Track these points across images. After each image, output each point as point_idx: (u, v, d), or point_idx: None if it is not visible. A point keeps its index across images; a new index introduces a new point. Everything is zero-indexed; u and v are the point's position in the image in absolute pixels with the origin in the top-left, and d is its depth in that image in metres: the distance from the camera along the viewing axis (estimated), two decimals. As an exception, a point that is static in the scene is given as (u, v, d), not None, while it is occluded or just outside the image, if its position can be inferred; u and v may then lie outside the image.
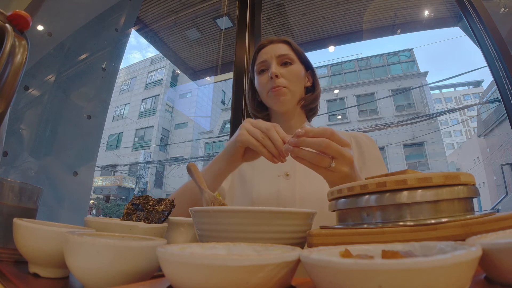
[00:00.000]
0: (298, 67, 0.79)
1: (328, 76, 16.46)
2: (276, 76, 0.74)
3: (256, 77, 0.82)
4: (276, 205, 0.68)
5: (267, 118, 0.87)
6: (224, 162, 0.60)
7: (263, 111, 0.87)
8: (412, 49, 15.82)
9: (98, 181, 16.23)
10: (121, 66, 1.82)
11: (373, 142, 0.79)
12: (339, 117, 15.12)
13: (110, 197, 16.13)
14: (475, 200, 0.32)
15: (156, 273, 0.33)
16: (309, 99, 0.83)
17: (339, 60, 17.18)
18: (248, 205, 0.72)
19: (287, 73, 0.76)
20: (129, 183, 16.16)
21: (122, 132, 18.40)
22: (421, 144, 13.13)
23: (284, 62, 0.78)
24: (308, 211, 0.36)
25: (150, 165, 16.60)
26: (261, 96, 0.82)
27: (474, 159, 14.43)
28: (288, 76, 0.76)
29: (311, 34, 2.65)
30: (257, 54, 0.83)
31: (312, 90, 0.85)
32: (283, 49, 0.79)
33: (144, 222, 0.45)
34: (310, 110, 0.86)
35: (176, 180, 15.89)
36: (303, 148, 0.48)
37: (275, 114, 0.83)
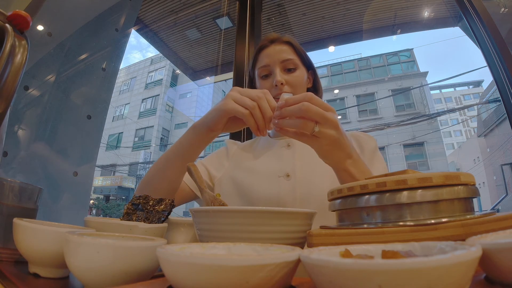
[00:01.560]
0: (301, 72, 0.78)
1: (328, 76, 16.46)
2: (281, 84, 0.74)
3: (258, 80, 0.80)
4: (276, 206, 0.68)
5: None
6: (203, 130, 0.57)
7: None
8: (412, 49, 15.84)
9: (98, 181, 16.23)
10: (121, 66, 1.83)
11: (372, 138, 0.79)
12: (339, 117, 15.01)
13: (110, 197, 16.13)
14: (475, 200, 0.32)
15: (156, 273, 0.33)
16: None
17: (339, 60, 17.19)
18: (248, 206, 0.71)
19: (291, 80, 0.75)
20: (129, 183, 16.16)
21: (122, 132, 18.40)
22: (421, 144, 13.14)
23: (288, 69, 0.76)
24: (308, 211, 0.36)
25: (150, 165, 16.59)
26: None
27: (474, 159, 14.43)
28: (293, 83, 0.75)
29: (311, 34, 2.65)
30: (258, 55, 0.81)
31: (313, 91, 0.84)
32: (286, 52, 0.77)
33: (144, 222, 0.45)
34: None
35: (176, 180, 15.85)
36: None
37: None
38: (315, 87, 0.85)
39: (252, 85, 0.86)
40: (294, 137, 0.48)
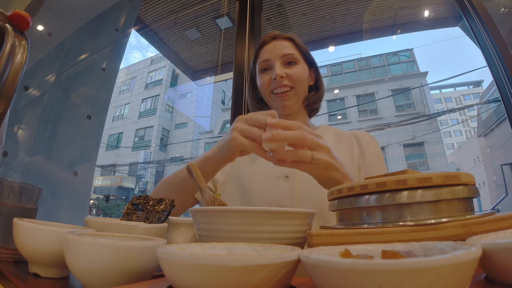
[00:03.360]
0: (302, 67, 0.77)
1: (328, 76, 16.45)
2: (281, 77, 0.73)
3: (258, 75, 0.80)
4: (275, 206, 0.68)
5: None
6: (217, 162, 0.58)
7: (263, 108, 0.84)
8: (412, 49, 15.83)
9: (98, 181, 16.22)
10: (121, 66, 1.83)
11: (374, 139, 0.79)
12: (339, 117, 15.12)
13: (110, 197, 16.13)
14: (475, 200, 0.32)
15: (156, 273, 0.33)
16: (313, 99, 0.81)
17: (339, 60, 17.19)
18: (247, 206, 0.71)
19: (291, 74, 0.74)
20: (129, 183, 16.16)
21: (122, 132, 18.40)
22: (421, 144, 13.13)
23: (288, 62, 0.75)
24: (308, 211, 0.36)
25: (150, 165, 16.59)
26: (263, 96, 0.81)
27: (474, 159, 14.42)
28: (293, 77, 0.74)
29: (311, 34, 2.65)
30: (260, 51, 0.80)
31: (315, 89, 0.83)
32: (287, 47, 0.76)
33: (144, 222, 0.45)
34: (312, 110, 0.84)
35: (176, 180, 15.86)
36: (281, 150, 0.47)
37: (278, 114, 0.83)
38: (317, 85, 0.83)
39: (253, 83, 0.86)
40: (292, 166, 0.49)
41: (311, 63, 0.81)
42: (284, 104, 0.74)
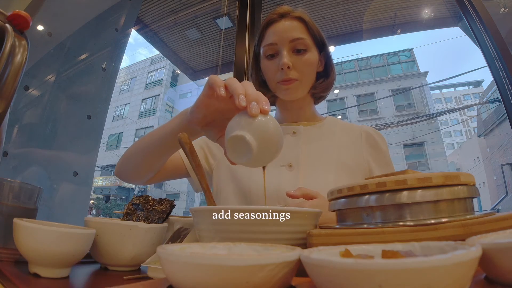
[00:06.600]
0: (312, 55, 0.69)
1: (328, 76, 16.42)
2: (288, 67, 0.66)
3: (263, 60, 0.72)
4: (276, 197, 0.63)
5: (272, 101, 0.77)
6: (183, 117, 0.51)
7: (268, 92, 0.75)
8: (412, 49, 15.82)
9: (98, 181, 16.22)
10: (121, 66, 1.83)
11: (383, 138, 0.75)
12: (339, 117, 15.11)
13: (110, 197, 16.12)
14: (475, 200, 0.32)
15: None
16: (321, 87, 0.74)
17: (339, 60, 17.16)
18: (245, 196, 0.66)
19: (300, 64, 0.67)
20: (129, 183, 16.13)
21: (122, 132, 18.39)
22: (421, 144, 13.13)
23: (298, 49, 0.68)
24: (311, 210, 0.36)
25: (150, 165, 16.54)
26: (268, 84, 0.74)
27: (474, 159, 14.41)
28: (302, 67, 0.68)
29: (311, 34, 2.64)
30: (266, 30, 0.72)
31: (324, 75, 0.76)
32: (296, 30, 0.68)
33: (144, 222, 0.45)
34: (319, 98, 0.78)
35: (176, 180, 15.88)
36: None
37: (282, 100, 0.75)
38: (326, 72, 0.75)
39: (257, 64, 0.78)
40: None
41: (321, 46, 0.73)
42: (289, 93, 0.69)
